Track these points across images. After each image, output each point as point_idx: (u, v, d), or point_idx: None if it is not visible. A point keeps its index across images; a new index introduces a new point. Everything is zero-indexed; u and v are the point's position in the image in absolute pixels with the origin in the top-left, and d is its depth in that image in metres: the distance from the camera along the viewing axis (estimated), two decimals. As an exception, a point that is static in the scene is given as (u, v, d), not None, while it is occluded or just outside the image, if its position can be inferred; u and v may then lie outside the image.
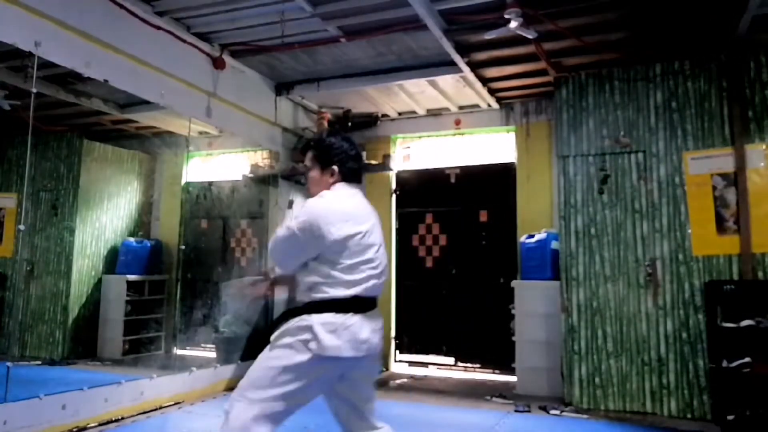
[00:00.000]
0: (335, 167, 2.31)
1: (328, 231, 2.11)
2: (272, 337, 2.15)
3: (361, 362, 2.16)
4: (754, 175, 4.66)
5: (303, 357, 2.04)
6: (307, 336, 2.05)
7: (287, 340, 2.08)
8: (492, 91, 6.20)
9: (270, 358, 2.10)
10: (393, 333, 7.02)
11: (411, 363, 6.98)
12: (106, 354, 6.32)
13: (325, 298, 2.10)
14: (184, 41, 5.04)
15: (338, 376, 2.16)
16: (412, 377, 6.48)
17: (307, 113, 6.98)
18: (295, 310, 2.14)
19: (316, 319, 2.06)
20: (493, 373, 6.49)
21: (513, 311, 5.70)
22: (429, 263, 7.06)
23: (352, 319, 2.10)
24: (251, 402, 2.03)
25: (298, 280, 2.22)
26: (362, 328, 2.12)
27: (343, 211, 2.19)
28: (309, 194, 2.36)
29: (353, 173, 2.36)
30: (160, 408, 4.60)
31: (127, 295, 6.49)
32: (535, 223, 6.11)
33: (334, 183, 2.31)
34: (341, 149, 2.34)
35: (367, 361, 2.19)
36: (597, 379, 4.95)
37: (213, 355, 6.08)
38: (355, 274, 2.14)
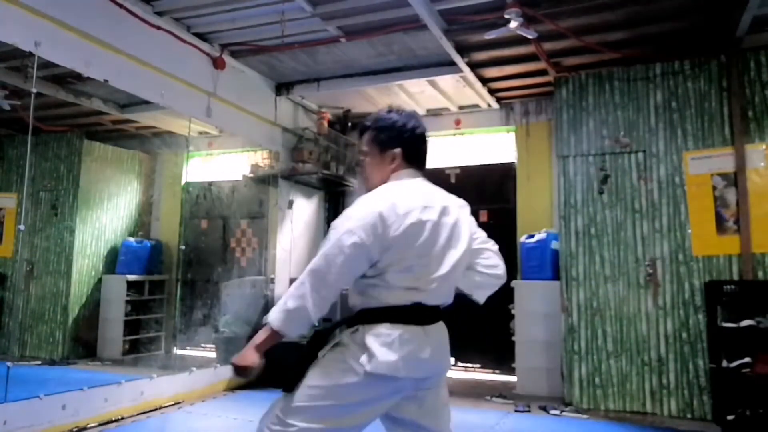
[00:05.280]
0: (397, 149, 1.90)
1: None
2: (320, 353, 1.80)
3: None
4: (754, 175, 4.66)
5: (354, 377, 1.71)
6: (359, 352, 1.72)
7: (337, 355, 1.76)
8: (492, 91, 6.20)
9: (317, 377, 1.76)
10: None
11: (411, 363, 6.97)
12: (106, 354, 6.31)
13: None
14: (184, 41, 5.04)
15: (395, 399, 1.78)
16: (412, 377, 6.46)
17: (307, 113, 6.98)
18: (348, 319, 1.81)
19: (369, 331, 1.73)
20: (493, 373, 6.49)
21: (513, 311, 5.70)
22: (429, 263, 7.05)
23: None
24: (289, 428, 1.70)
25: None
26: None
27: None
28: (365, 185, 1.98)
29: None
30: (160, 408, 4.60)
31: (127, 295, 6.48)
32: (535, 223, 6.10)
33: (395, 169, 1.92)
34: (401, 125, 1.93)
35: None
36: (597, 379, 4.95)
37: (213, 355, 6.07)
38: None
